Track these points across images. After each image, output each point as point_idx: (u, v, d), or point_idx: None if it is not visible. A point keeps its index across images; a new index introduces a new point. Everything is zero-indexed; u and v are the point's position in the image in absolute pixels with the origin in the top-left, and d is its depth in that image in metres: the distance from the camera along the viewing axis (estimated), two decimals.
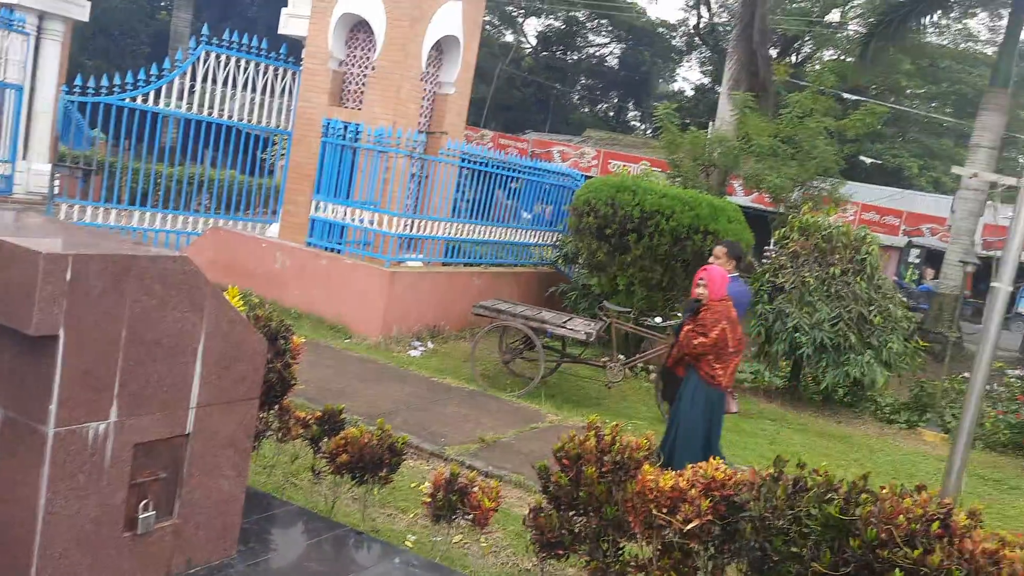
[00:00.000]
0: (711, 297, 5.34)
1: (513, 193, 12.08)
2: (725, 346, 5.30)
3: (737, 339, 5.42)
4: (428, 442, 6.11)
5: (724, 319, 5.27)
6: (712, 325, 5.26)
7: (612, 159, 25.69)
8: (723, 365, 5.34)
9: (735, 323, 5.39)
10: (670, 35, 35.66)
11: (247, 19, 29.78)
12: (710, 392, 5.40)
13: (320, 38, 10.36)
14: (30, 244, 2.38)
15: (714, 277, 5.40)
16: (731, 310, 5.37)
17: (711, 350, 5.28)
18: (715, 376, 5.36)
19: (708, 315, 5.30)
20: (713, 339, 5.24)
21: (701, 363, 5.35)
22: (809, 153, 13.84)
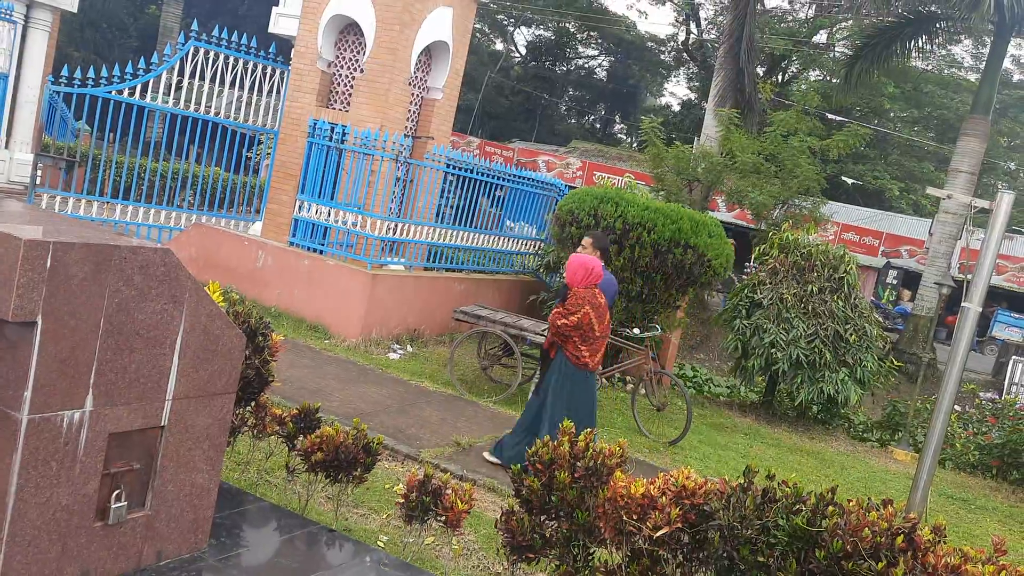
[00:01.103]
0: (569, 283, 5.73)
1: (497, 201, 12.12)
2: (591, 329, 5.63)
3: (604, 324, 5.76)
4: (404, 444, 6.12)
5: (587, 304, 5.60)
6: (575, 308, 5.60)
7: (597, 170, 25.81)
8: (588, 347, 5.67)
9: (600, 308, 5.71)
10: (659, 50, 35.92)
11: (237, 16, 29.72)
12: (575, 372, 5.72)
13: (310, 38, 10.37)
14: (11, 230, 2.39)
15: (571, 265, 5.76)
16: (597, 296, 5.69)
17: (575, 332, 5.61)
18: (581, 357, 5.69)
19: (572, 299, 5.66)
20: (575, 321, 5.58)
21: (568, 344, 5.68)
22: (792, 172, 14.00)
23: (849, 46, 25.83)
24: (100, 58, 26.36)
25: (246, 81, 10.93)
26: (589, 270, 5.69)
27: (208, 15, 27.32)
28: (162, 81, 10.26)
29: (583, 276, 5.67)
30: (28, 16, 13.90)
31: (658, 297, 9.61)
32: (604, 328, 5.77)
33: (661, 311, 9.89)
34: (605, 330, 5.80)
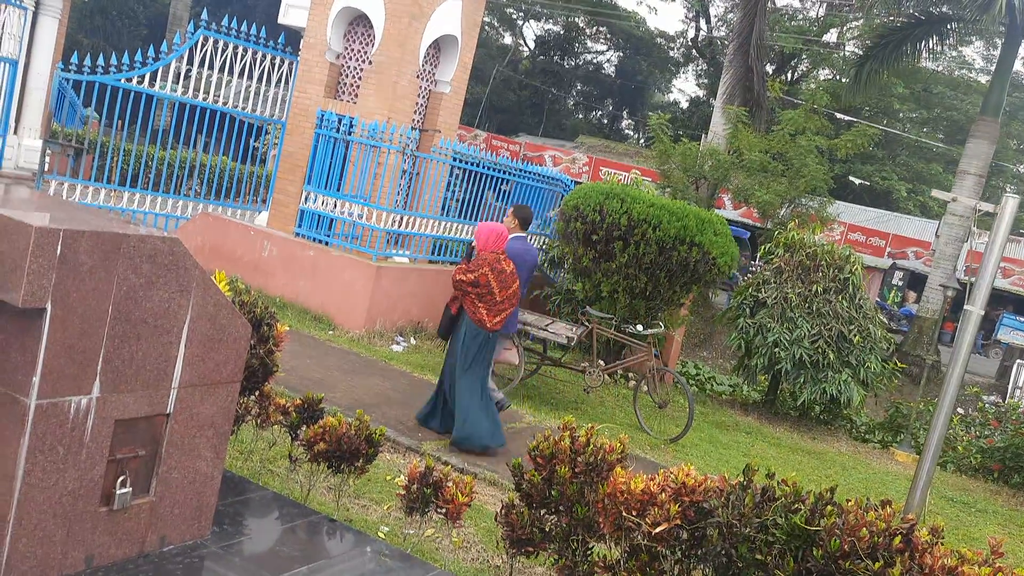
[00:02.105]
0: (477, 247, 6.20)
1: (502, 195, 12.13)
2: (488, 291, 6.03)
3: (508, 292, 6.12)
4: (405, 436, 6.15)
5: (487, 266, 6.02)
6: (475, 268, 6.03)
7: (603, 166, 25.79)
8: (487, 307, 6.06)
9: (502, 274, 6.08)
10: (668, 46, 35.85)
11: (246, 6, 29.73)
12: (475, 329, 6.13)
13: (319, 29, 10.38)
14: (22, 217, 2.41)
15: (481, 230, 6.24)
16: (500, 262, 6.09)
17: (472, 290, 6.03)
18: (476, 313, 6.09)
19: (475, 260, 6.12)
20: (471, 278, 5.99)
21: (466, 300, 6.10)
22: (799, 171, 13.98)
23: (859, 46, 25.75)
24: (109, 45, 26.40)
25: (255, 71, 10.94)
26: (496, 236, 6.14)
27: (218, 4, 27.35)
28: (171, 70, 10.28)
29: (489, 241, 6.13)
30: (39, 2, 13.93)
31: (662, 294, 9.62)
32: (508, 295, 6.13)
33: (665, 308, 9.91)
34: (510, 297, 6.17)
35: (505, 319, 6.25)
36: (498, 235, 6.16)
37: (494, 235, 6.15)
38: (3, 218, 2.40)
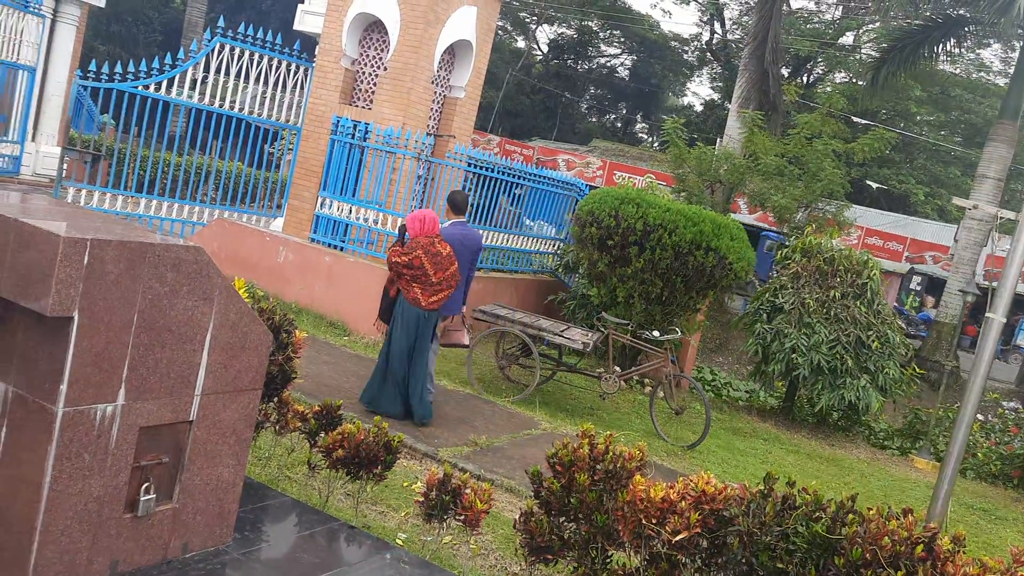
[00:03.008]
0: (410, 233, 6.52)
1: (516, 200, 12.14)
2: (423, 273, 6.37)
3: (445, 274, 6.45)
4: (421, 443, 6.16)
5: (420, 248, 6.36)
6: (409, 251, 6.38)
7: (618, 170, 25.76)
8: (421, 288, 6.41)
9: (436, 256, 6.41)
10: (682, 49, 35.78)
11: (261, 12, 29.91)
12: (409, 308, 6.46)
13: (334, 36, 10.43)
14: (50, 227, 2.44)
15: (410, 217, 6.56)
16: (435, 245, 6.41)
17: (407, 271, 6.38)
18: (411, 293, 6.43)
19: (410, 243, 6.45)
20: (405, 260, 6.35)
21: (402, 283, 6.47)
22: (816, 175, 13.93)
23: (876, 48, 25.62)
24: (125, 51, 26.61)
25: (270, 77, 11.01)
26: (422, 221, 6.48)
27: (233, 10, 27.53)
28: (187, 76, 10.36)
29: (419, 227, 6.47)
30: (57, 10, 14.08)
31: (678, 300, 9.59)
32: (443, 276, 6.45)
33: (681, 314, 9.88)
34: (448, 279, 6.49)
35: (443, 300, 6.55)
36: (426, 220, 6.48)
37: (424, 220, 6.48)
38: (31, 228, 2.43)
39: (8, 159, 13.34)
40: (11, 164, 13.35)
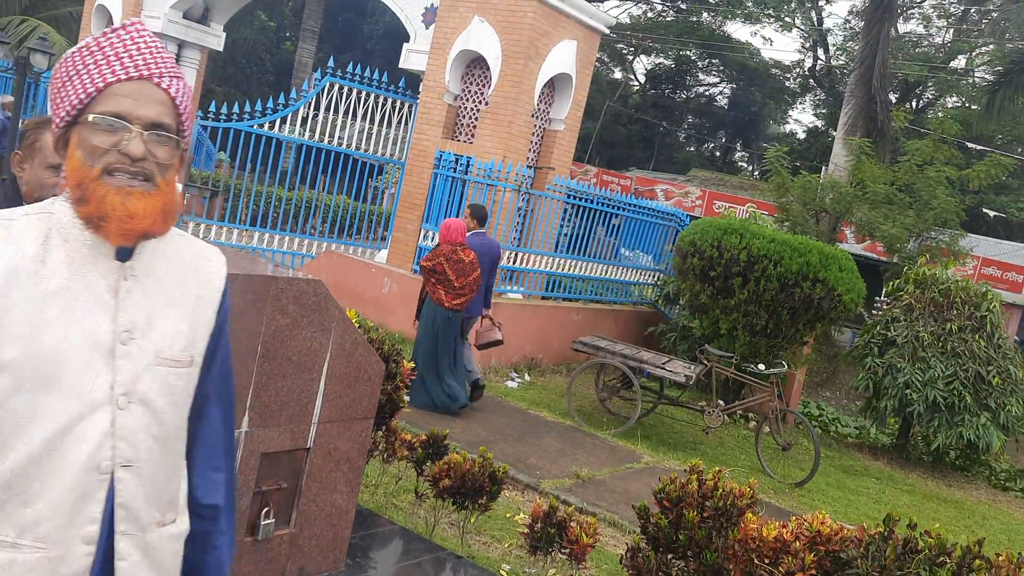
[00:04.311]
0: (440, 240, 7.18)
1: (614, 230, 12.12)
2: (444, 276, 7.01)
3: (466, 279, 7.03)
4: (523, 474, 6.17)
5: (442, 256, 7.03)
6: (433, 257, 7.10)
7: (717, 200, 25.36)
8: (444, 288, 7.05)
9: (459, 263, 7.02)
10: (783, 76, 35.11)
11: (366, 51, 30.97)
12: (434, 307, 7.13)
13: (438, 73, 10.71)
14: None
15: (443, 226, 7.21)
16: (457, 252, 7.02)
17: (431, 275, 7.07)
18: (437, 295, 7.08)
19: (434, 251, 7.17)
20: (429, 265, 7.08)
21: (428, 284, 7.16)
22: (928, 203, 13.38)
23: (990, 72, 24.54)
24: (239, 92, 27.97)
25: (376, 114, 11.38)
26: (449, 229, 7.11)
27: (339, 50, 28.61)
28: (298, 114, 10.82)
29: (445, 234, 7.12)
30: (179, 55, 14.94)
31: (784, 332, 9.35)
32: (465, 281, 7.03)
33: (787, 347, 9.62)
34: (469, 284, 7.06)
35: (466, 302, 7.14)
36: (452, 228, 7.10)
37: (450, 228, 7.12)
38: None
39: None
40: None
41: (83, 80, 1.36)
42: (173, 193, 1.41)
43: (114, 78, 1.35)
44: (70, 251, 1.36)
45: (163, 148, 1.37)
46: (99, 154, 1.34)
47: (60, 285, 1.34)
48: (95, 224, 1.34)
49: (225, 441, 1.60)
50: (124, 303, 1.38)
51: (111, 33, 1.39)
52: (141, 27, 1.42)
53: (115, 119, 1.34)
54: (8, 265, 1.32)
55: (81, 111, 1.36)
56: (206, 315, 1.50)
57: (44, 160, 2.25)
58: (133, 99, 1.35)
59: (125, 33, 1.39)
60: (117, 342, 1.36)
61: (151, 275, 1.43)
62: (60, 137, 1.40)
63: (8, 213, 1.39)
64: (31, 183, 2.28)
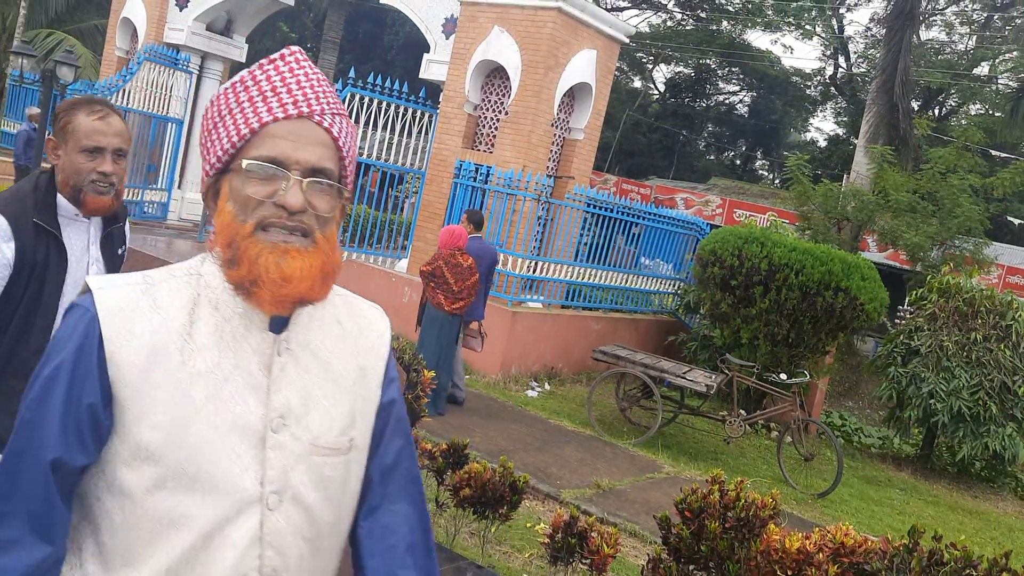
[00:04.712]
0: (439, 245, 7.29)
1: (633, 239, 12.10)
2: (443, 281, 7.15)
3: (464, 283, 7.15)
4: (544, 483, 6.15)
5: (441, 260, 7.16)
6: (432, 262, 7.23)
7: (738, 208, 25.26)
8: (443, 293, 7.17)
9: (457, 267, 7.13)
10: (804, 84, 34.95)
11: (386, 61, 31.16)
12: (433, 310, 7.27)
13: (458, 83, 10.76)
14: None
15: (441, 232, 7.36)
16: (456, 257, 7.14)
17: (430, 279, 7.20)
18: (437, 300, 7.21)
19: (433, 256, 7.29)
20: (428, 270, 7.21)
21: (428, 289, 7.28)
22: (951, 211, 13.27)
23: (1014, 78, 24.31)
24: None
25: (397, 124, 11.44)
26: (451, 234, 7.24)
27: (360, 60, 28.82)
28: None
29: (444, 240, 7.23)
30: (202, 67, 15.11)
31: (806, 341, 9.28)
32: (463, 285, 7.16)
33: (808, 356, 9.55)
34: (467, 288, 7.19)
35: (465, 306, 7.27)
36: (453, 234, 7.23)
37: (452, 234, 7.25)
38: None
39: (157, 206, 14.31)
40: (159, 210, 14.32)
41: (236, 120, 1.18)
42: (334, 251, 1.22)
43: (270, 117, 1.17)
44: (220, 321, 1.18)
45: (324, 198, 1.19)
46: (252, 206, 1.16)
47: (209, 363, 1.16)
48: (246, 290, 1.16)
49: (412, 541, 1.33)
50: (278, 383, 1.20)
51: (267, 64, 1.21)
52: (301, 56, 1.23)
53: (271, 165, 1.16)
54: (152, 340, 1.14)
55: (233, 156, 1.19)
56: (368, 389, 1.31)
57: (78, 143, 2.17)
58: (291, 141, 1.17)
59: (283, 63, 1.21)
60: (268, 429, 1.18)
61: (307, 347, 1.24)
62: (210, 187, 1.23)
63: (152, 276, 1.20)
64: (66, 169, 2.19)
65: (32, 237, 2.13)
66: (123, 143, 2.25)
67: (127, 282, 1.18)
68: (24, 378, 2.18)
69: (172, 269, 1.23)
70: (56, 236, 2.19)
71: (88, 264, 2.28)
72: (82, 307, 1.16)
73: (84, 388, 1.13)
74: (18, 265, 2.11)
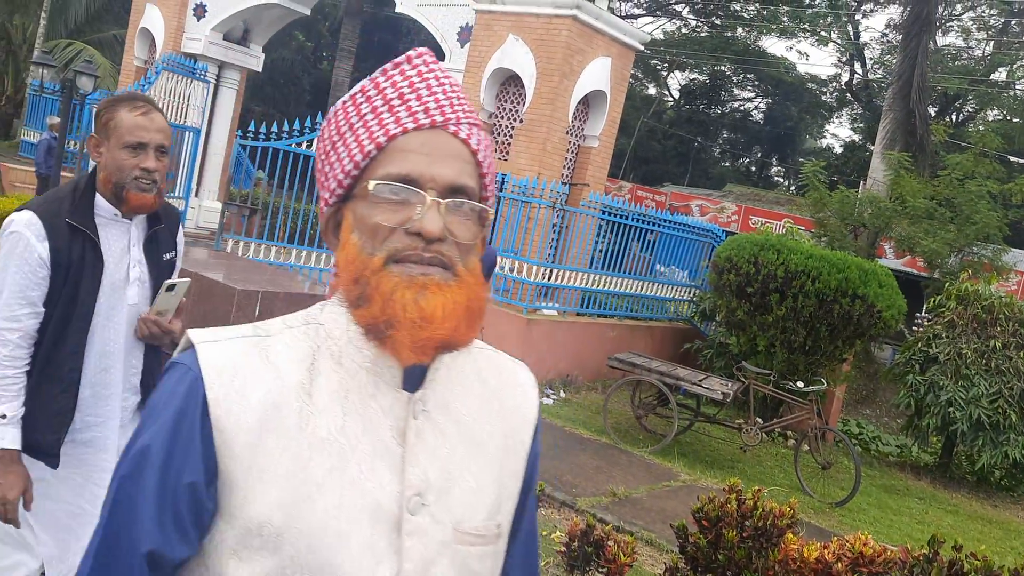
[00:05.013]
0: None
1: (649, 246, 12.08)
2: None
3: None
4: (559, 491, 6.14)
5: None
6: None
7: (753, 215, 25.19)
8: None
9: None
10: (820, 91, 34.85)
11: None
12: None
13: (473, 91, 10.80)
14: (226, 280, 2.63)
15: None
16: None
17: None
18: None
19: None
20: None
21: None
22: (969, 217, 13.18)
23: None
24: (277, 111, 28.41)
25: None
26: None
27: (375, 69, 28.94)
28: None
29: None
30: (220, 76, 15.24)
31: (823, 349, 9.23)
32: None
33: (825, 364, 9.49)
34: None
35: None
36: None
37: None
38: (211, 281, 2.63)
39: None
40: None
41: (358, 136, 1.01)
42: (480, 286, 1.04)
43: (398, 129, 1.00)
44: (344, 378, 1.00)
45: (465, 223, 1.01)
46: (382, 236, 0.98)
47: (332, 428, 0.97)
48: (379, 333, 0.97)
49: None
50: (414, 452, 1.00)
51: (391, 69, 1.04)
52: (430, 59, 1.06)
53: (402, 184, 0.98)
54: (264, 401, 0.96)
55: (356, 179, 1.02)
56: (515, 463, 1.11)
57: (120, 139, 2.14)
58: (424, 155, 0.99)
59: (410, 67, 1.04)
60: (405, 511, 0.98)
61: (447, 409, 1.05)
62: (330, 219, 1.07)
63: (264, 327, 1.03)
64: (108, 167, 2.17)
65: (66, 237, 2.12)
66: (165, 139, 2.23)
67: (236, 334, 1.01)
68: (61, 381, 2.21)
69: (287, 319, 1.05)
70: (91, 237, 2.16)
71: (128, 266, 2.24)
72: (183, 365, 0.97)
73: (185, 463, 0.94)
74: (53, 264, 2.11)
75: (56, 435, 2.16)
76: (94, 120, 2.26)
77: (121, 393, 2.26)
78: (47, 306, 2.14)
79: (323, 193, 1.06)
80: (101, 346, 2.20)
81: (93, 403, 2.24)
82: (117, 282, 2.21)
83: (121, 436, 2.29)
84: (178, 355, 1.00)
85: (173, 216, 2.42)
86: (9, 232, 2.12)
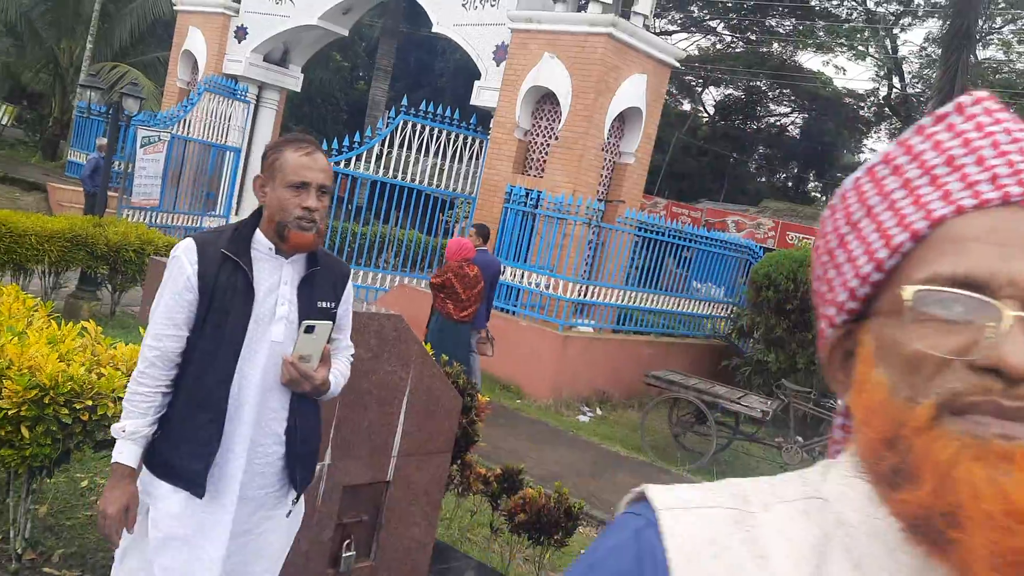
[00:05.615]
0: (446, 257, 7.55)
1: (685, 262, 12.01)
2: (454, 292, 7.41)
3: (471, 291, 7.45)
4: (597, 509, 6.11)
5: (450, 271, 7.43)
6: (441, 273, 7.52)
7: (790, 231, 24.92)
8: (452, 302, 7.45)
9: (465, 277, 7.41)
10: (857, 105, 34.48)
11: (436, 89, 31.59)
12: (443, 320, 7.52)
13: (508, 109, 10.86)
14: None
15: (449, 244, 7.58)
16: (463, 268, 7.43)
17: (440, 290, 7.47)
18: (446, 309, 7.48)
19: (442, 267, 7.59)
20: (439, 282, 7.47)
21: (437, 301, 7.54)
22: None
23: None
24: (314, 130, 28.77)
25: (448, 150, 11.58)
26: (458, 248, 7.48)
27: (411, 88, 29.26)
28: (372, 151, 11.10)
29: (454, 252, 7.47)
30: (260, 96, 15.49)
31: None
32: (470, 293, 7.44)
33: None
34: (473, 296, 7.46)
35: (472, 313, 7.52)
36: (462, 247, 7.49)
37: (461, 247, 7.51)
38: None
39: None
40: None
41: (880, 224, 0.70)
42: None
43: (949, 207, 0.67)
44: None
45: None
46: (930, 373, 0.63)
47: None
48: (932, 534, 0.62)
49: None
50: None
51: (932, 126, 0.71)
52: (993, 105, 0.71)
53: (963, 292, 0.63)
54: None
55: (879, 286, 0.69)
56: None
57: (285, 179, 2.16)
58: (996, 245, 0.64)
59: (963, 119, 0.70)
60: None
61: None
62: (836, 346, 0.74)
63: (747, 494, 0.71)
64: (272, 205, 2.18)
65: (217, 264, 2.15)
66: (327, 179, 2.22)
67: (712, 502, 0.70)
68: (208, 410, 2.21)
69: (777, 487, 0.72)
70: (243, 268, 2.17)
71: (276, 302, 2.21)
72: (637, 542, 0.69)
73: None
74: (200, 289, 2.14)
75: (202, 464, 2.14)
76: (261, 160, 2.30)
77: (250, 432, 2.19)
78: (194, 331, 2.16)
79: (825, 308, 0.75)
80: (238, 379, 2.18)
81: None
82: (262, 316, 2.19)
83: (250, 486, 2.20)
84: (629, 514, 0.72)
85: (338, 268, 2.39)
86: (172, 257, 2.18)
